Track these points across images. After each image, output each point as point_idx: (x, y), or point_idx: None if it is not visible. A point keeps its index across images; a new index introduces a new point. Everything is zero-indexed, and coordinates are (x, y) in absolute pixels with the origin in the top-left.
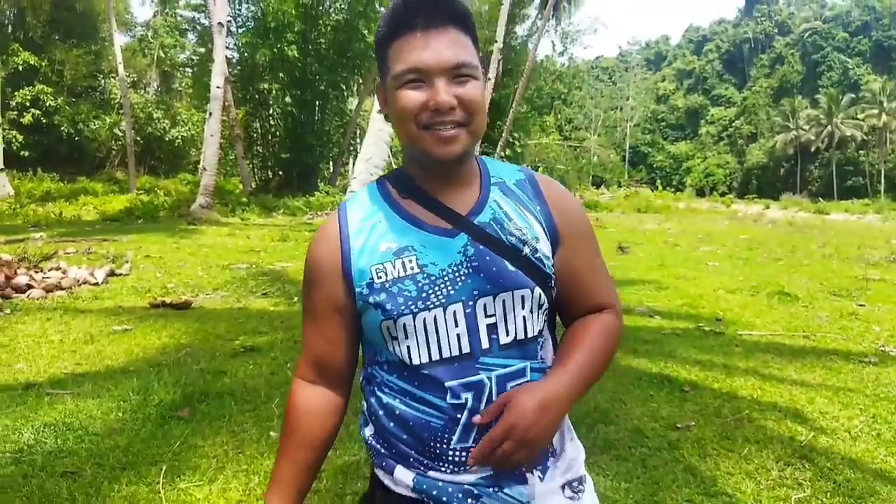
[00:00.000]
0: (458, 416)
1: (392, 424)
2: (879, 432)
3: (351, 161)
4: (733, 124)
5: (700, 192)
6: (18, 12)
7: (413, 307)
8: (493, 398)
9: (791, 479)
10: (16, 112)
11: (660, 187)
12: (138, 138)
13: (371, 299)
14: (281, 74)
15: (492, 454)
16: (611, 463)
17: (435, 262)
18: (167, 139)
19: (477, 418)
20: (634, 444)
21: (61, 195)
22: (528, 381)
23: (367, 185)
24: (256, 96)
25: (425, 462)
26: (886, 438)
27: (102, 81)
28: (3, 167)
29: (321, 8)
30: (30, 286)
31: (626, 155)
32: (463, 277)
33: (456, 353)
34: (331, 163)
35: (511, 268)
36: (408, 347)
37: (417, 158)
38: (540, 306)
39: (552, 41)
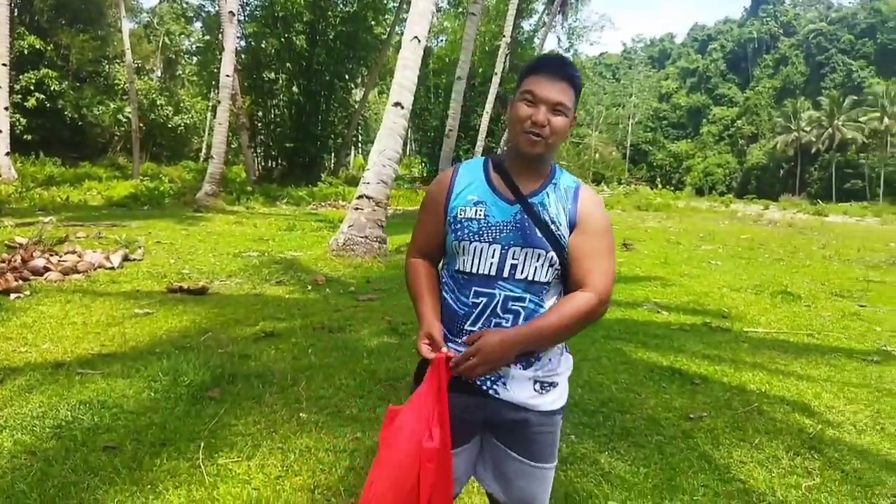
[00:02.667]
0: (474, 311)
1: (442, 309)
2: (884, 426)
3: (353, 152)
4: (735, 124)
5: (699, 191)
6: None
7: (472, 238)
8: (498, 307)
9: (801, 468)
10: (20, 95)
11: (659, 185)
12: (141, 125)
13: (453, 226)
14: (288, 64)
15: (464, 363)
16: (629, 449)
17: (494, 216)
18: (170, 126)
19: (466, 338)
20: (650, 432)
21: (64, 180)
22: (524, 306)
23: (476, 159)
24: (262, 85)
25: (449, 335)
26: (891, 432)
27: (107, 67)
28: (8, 151)
29: None
30: (47, 269)
31: (627, 152)
32: (507, 231)
33: (486, 272)
34: (333, 153)
35: (539, 235)
36: (463, 260)
37: (512, 149)
38: (551, 265)
39: (558, 37)
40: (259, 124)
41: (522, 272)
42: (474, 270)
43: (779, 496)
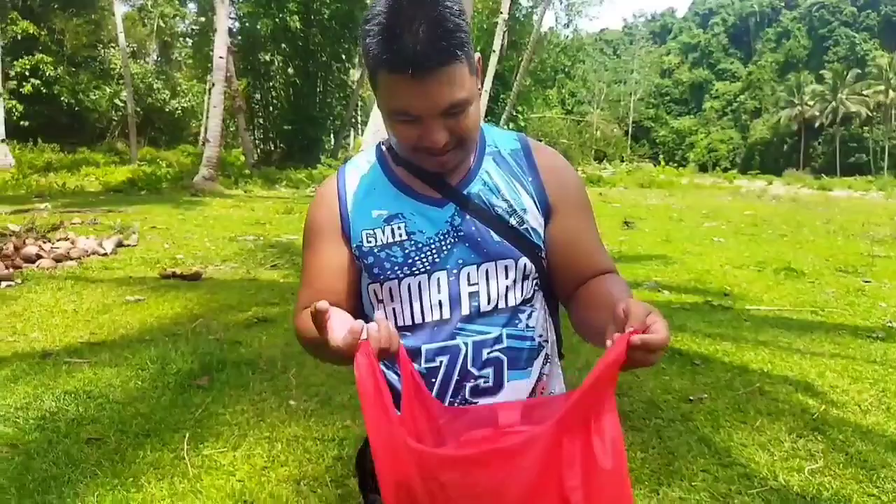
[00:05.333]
0: (433, 379)
1: None
2: (889, 406)
3: (352, 133)
4: (738, 99)
5: (703, 168)
6: None
7: (399, 272)
8: (469, 363)
9: (804, 451)
10: (15, 82)
11: (662, 162)
12: (138, 109)
13: (361, 262)
14: (283, 45)
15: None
16: (626, 433)
17: (422, 230)
18: (167, 110)
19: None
20: (648, 415)
21: (62, 166)
22: (504, 348)
23: (366, 150)
24: (258, 67)
25: None
26: None
27: (102, 51)
28: (3, 137)
29: None
30: (39, 256)
31: (629, 129)
32: (449, 246)
33: (437, 318)
34: (332, 135)
35: (496, 238)
36: (392, 310)
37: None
38: (526, 276)
39: (556, 13)
40: (256, 107)
41: (490, 300)
42: (417, 320)
43: (781, 480)
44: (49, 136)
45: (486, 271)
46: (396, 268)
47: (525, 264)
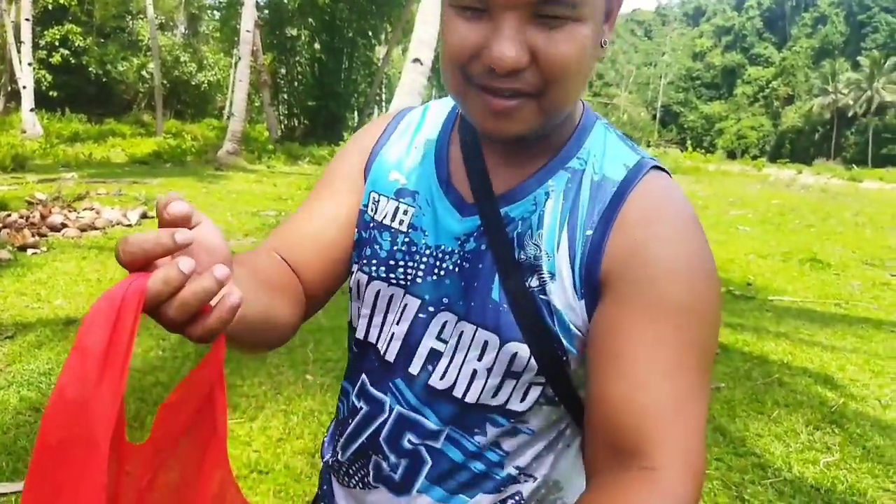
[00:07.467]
0: (350, 419)
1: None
2: None
3: (376, 111)
4: (770, 85)
5: (731, 155)
6: None
7: (373, 270)
8: (384, 430)
9: (820, 443)
10: (45, 52)
11: (690, 148)
12: (165, 81)
13: (357, 228)
14: (310, 19)
15: None
16: None
17: (426, 232)
18: (193, 83)
19: None
20: None
21: (89, 136)
22: (436, 450)
23: (445, 101)
24: (284, 42)
25: (327, 459)
26: None
27: (131, 22)
28: (33, 107)
29: None
30: (64, 225)
31: (657, 113)
32: (443, 272)
33: (382, 351)
34: (356, 112)
35: (493, 295)
36: (357, 308)
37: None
38: (514, 373)
39: None
40: (281, 82)
41: (444, 377)
42: (366, 336)
43: (795, 472)
44: (77, 107)
45: (461, 333)
46: (375, 261)
47: (515, 354)
